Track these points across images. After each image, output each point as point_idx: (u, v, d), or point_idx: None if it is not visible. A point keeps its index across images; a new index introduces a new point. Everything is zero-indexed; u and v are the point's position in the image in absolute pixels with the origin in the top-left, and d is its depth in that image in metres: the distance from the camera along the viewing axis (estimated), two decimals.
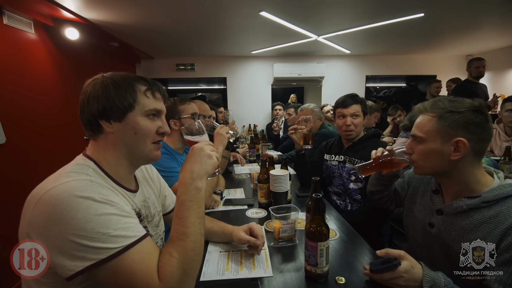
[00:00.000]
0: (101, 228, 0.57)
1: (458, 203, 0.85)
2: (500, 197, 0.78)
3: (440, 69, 5.12)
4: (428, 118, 0.86)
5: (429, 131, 0.85)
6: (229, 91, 5.11)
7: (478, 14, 2.79)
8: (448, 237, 0.87)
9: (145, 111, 0.71)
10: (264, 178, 1.43)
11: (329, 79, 5.05)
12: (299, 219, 1.28)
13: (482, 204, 0.80)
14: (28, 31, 2.28)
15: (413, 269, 0.74)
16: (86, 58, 3.18)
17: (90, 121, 0.69)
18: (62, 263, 0.55)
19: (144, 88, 0.72)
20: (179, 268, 0.61)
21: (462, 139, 0.79)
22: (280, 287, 0.84)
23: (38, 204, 0.57)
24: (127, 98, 0.69)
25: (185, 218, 0.67)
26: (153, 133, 0.73)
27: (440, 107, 0.84)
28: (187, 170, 0.72)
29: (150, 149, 0.74)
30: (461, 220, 0.84)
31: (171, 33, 3.30)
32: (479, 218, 0.80)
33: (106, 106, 0.68)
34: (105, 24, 2.86)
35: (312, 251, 0.82)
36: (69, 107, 2.76)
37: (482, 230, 0.78)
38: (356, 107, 1.62)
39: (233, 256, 1.00)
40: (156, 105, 0.74)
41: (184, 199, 0.69)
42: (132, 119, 0.70)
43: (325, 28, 3.23)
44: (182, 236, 0.65)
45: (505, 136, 2.27)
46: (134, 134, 0.71)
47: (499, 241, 0.74)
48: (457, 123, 0.80)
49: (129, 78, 0.72)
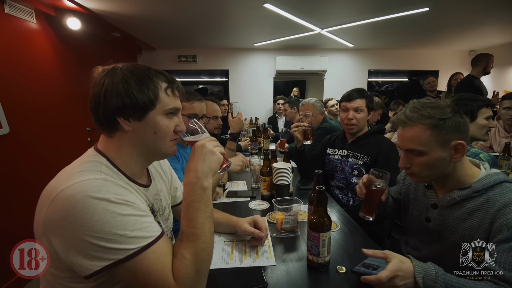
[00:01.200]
0: (118, 229, 0.56)
1: (451, 195, 0.90)
2: (488, 186, 0.85)
3: (443, 64, 5.10)
4: (421, 130, 0.86)
5: (428, 142, 0.85)
6: (231, 83, 5.09)
7: (482, 9, 2.76)
8: (444, 229, 0.92)
9: (165, 110, 0.69)
10: (267, 171, 1.45)
11: (332, 72, 5.03)
12: (301, 211, 1.30)
13: (473, 193, 0.86)
14: (30, 21, 2.26)
15: (403, 264, 0.76)
16: (88, 48, 3.16)
17: (107, 117, 0.65)
18: (80, 262, 0.55)
19: (165, 86, 0.69)
20: (193, 270, 0.62)
21: (460, 142, 0.84)
22: (283, 275, 0.87)
23: (52, 203, 0.56)
24: (149, 95, 0.65)
25: (194, 219, 0.66)
26: (172, 132, 0.71)
27: (428, 116, 0.84)
28: (191, 170, 0.68)
29: (169, 146, 0.72)
30: (455, 211, 0.89)
31: (173, 24, 3.27)
32: (471, 206, 0.86)
33: (127, 104, 0.64)
34: (107, 14, 2.84)
35: (314, 241, 0.85)
36: (70, 97, 2.76)
37: (475, 217, 0.84)
38: (360, 102, 1.62)
39: (237, 245, 1.03)
40: (176, 103, 0.71)
41: (191, 200, 0.67)
42: (152, 118, 0.67)
43: (328, 21, 3.20)
44: (193, 238, 0.64)
45: (504, 132, 2.28)
46: (153, 133, 0.68)
47: (490, 224, 0.80)
48: (451, 128, 0.84)
49: (150, 73, 0.68)
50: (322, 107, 2.41)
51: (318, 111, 2.38)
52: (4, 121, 1.93)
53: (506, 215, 0.77)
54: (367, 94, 1.66)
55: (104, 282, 0.62)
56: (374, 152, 1.57)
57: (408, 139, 0.89)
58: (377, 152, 1.56)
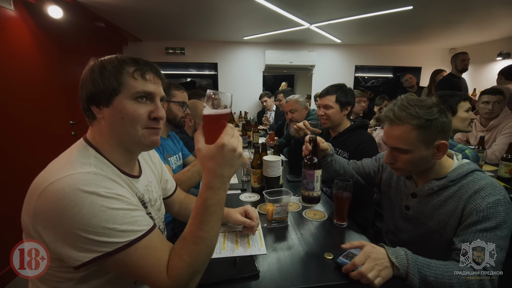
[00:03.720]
0: (107, 223, 0.57)
1: (429, 185, 0.97)
2: (462, 175, 0.92)
3: (425, 61, 5.27)
4: (408, 130, 0.89)
5: (414, 142, 0.89)
6: (220, 77, 5.05)
7: (461, 8, 2.87)
8: (422, 216, 0.99)
9: (132, 94, 0.66)
10: (257, 163, 1.48)
11: (320, 67, 5.09)
12: (291, 202, 1.35)
13: (449, 183, 0.93)
14: (7, 8, 2.14)
15: (374, 248, 0.83)
16: (71, 38, 3.04)
17: (84, 107, 0.69)
18: (69, 254, 0.56)
19: (132, 69, 0.67)
20: (188, 271, 0.61)
21: (443, 142, 0.89)
22: (274, 262, 0.91)
23: (42, 195, 0.56)
24: (111, 81, 0.65)
25: (206, 223, 0.63)
26: (144, 118, 0.68)
27: (416, 116, 0.87)
28: (218, 175, 0.61)
29: (143, 134, 0.68)
30: (433, 199, 0.96)
31: (161, 14, 3.19)
32: (446, 194, 0.93)
33: (93, 91, 0.66)
34: (91, 3, 2.73)
35: (310, 179, 1.05)
36: (51, 87, 2.65)
37: (449, 204, 0.92)
38: (330, 98, 1.66)
39: (229, 236, 1.06)
40: (146, 87, 0.68)
41: (210, 204, 0.62)
42: (119, 103, 0.66)
43: (317, 16, 3.23)
44: (198, 240, 0.62)
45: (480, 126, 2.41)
46: (121, 119, 0.66)
47: (462, 209, 0.88)
48: (436, 129, 0.88)
49: (117, 60, 0.67)
50: (306, 102, 2.45)
51: (302, 106, 2.41)
52: None
53: (476, 201, 0.85)
54: (342, 89, 1.67)
55: (94, 271, 0.63)
56: (353, 147, 1.62)
57: (395, 138, 0.92)
58: (355, 147, 1.61)
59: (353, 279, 0.79)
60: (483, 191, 0.85)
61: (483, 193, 0.85)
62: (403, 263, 0.79)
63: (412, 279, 0.77)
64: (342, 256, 0.88)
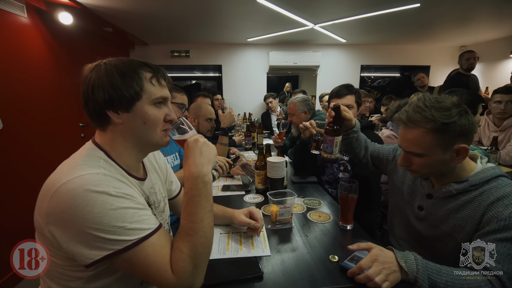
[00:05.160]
0: (116, 222, 0.59)
1: (447, 188, 0.90)
2: (485, 180, 0.86)
3: (434, 59, 5.17)
4: (423, 133, 0.83)
5: (428, 146, 0.83)
6: (224, 78, 5.08)
7: (472, 5, 2.81)
8: (435, 218, 0.94)
9: (152, 100, 0.70)
10: (261, 165, 1.48)
11: (325, 68, 5.06)
12: (295, 203, 1.35)
13: (470, 187, 0.87)
14: (21, 15, 2.22)
15: (382, 251, 0.80)
16: (80, 43, 3.11)
17: (97, 112, 0.67)
18: (81, 252, 0.58)
19: (150, 76, 0.70)
20: (190, 263, 0.63)
21: (463, 146, 0.82)
22: (278, 264, 0.90)
23: (54, 196, 0.58)
24: (134, 86, 0.67)
25: (194, 214, 0.67)
26: (162, 121, 0.72)
27: (430, 119, 0.81)
28: (191, 165, 0.70)
29: (160, 136, 0.73)
30: (449, 202, 0.91)
31: (166, 18, 3.24)
32: (465, 199, 0.87)
33: (113, 96, 0.65)
34: (99, 9, 2.79)
35: (329, 143, 1.11)
36: (62, 91, 2.72)
37: (468, 208, 0.86)
38: (351, 98, 1.62)
39: (233, 237, 1.06)
40: (163, 92, 0.72)
41: (192, 194, 0.68)
42: (140, 109, 0.68)
43: (321, 16, 3.21)
44: (191, 232, 0.66)
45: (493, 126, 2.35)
46: (143, 123, 0.69)
47: (481, 216, 0.82)
48: (455, 133, 0.80)
49: (133, 64, 0.69)
50: (307, 105, 2.27)
51: (299, 111, 2.26)
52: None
53: (497, 208, 0.79)
54: (356, 90, 1.66)
55: (103, 270, 0.65)
56: None
57: (408, 141, 0.88)
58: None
59: (359, 283, 0.77)
60: (507, 199, 0.79)
61: (506, 201, 0.79)
62: (412, 268, 0.76)
63: (421, 285, 0.74)
64: (347, 260, 0.87)
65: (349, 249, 0.87)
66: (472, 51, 3.25)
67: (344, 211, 1.14)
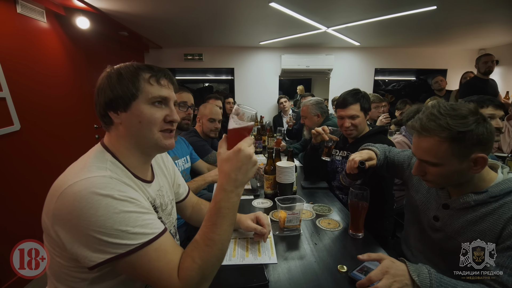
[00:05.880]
0: (120, 225, 0.58)
1: (465, 199, 0.86)
2: (506, 191, 0.80)
3: (451, 63, 5.01)
4: (438, 142, 0.79)
5: (444, 156, 0.80)
6: (237, 81, 5.10)
7: (491, 7, 2.71)
8: (452, 230, 0.89)
9: (149, 99, 0.70)
10: (271, 169, 1.46)
11: (338, 71, 4.99)
12: (304, 210, 1.32)
13: (490, 199, 0.82)
14: (41, 20, 2.31)
15: (394, 263, 0.76)
16: (96, 47, 3.21)
17: (101, 113, 0.72)
18: (84, 254, 0.58)
19: (148, 76, 0.71)
20: (199, 274, 0.62)
21: (482, 155, 0.77)
22: (284, 273, 0.88)
23: (60, 197, 0.59)
24: (129, 87, 0.68)
25: (218, 225, 0.65)
26: (160, 121, 0.71)
27: (445, 127, 0.77)
28: (231, 178, 0.65)
29: (159, 137, 0.72)
30: (467, 214, 0.86)
31: (180, 22, 3.29)
32: (484, 211, 0.82)
33: (111, 97, 0.69)
34: (115, 14, 2.87)
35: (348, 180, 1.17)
36: (80, 94, 2.81)
37: (486, 221, 0.81)
38: (355, 107, 1.57)
39: (239, 243, 1.05)
40: (161, 92, 0.72)
41: (222, 206, 0.65)
42: (136, 108, 0.69)
43: (335, 19, 3.18)
44: (210, 243, 0.64)
45: None
46: (139, 123, 0.70)
47: (502, 229, 0.77)
48: (471, 142, 0.76)
49: (133, 67, 0.71)
50: (320, 109, 2.25)
51: (312, 114, 2.26)
52: (15, 118, 1.99)
53: None
54: (361, 96, 1.59)
55: (107, 272, 0.65)
56: None
57: (423, 150, 0.84)
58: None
59: None
60: None
61: None
62: (425, 282, 0.72)
63: None
64: (356, 270, 0.83)
65: (359, 259, 0.83)
66: (489, 54, 3.12)
67: (354, 219, 1.11)
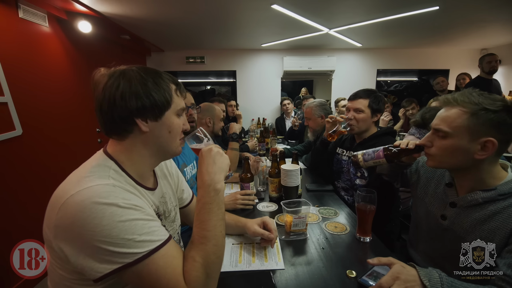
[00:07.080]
0: (126, 234, 0.57)
1: (473, 196, 0.85)
2: None
3: (453, 63, 4.98)
4: (458, 113, 0.80)
5: (458, 127, 0.80)
6: (239, 84, 5.10)
7: (493, 7, 2.69)
8: (460, 229, 0.87)
9: (177, 110, 0.72)
10: (275, 172, 1.44)
11: (340, 72, 4.98)
12: (310, 213, 1.30)
13: (498, 196, 0.80)
14: (43, 24, 2.31)
15: (404, 269, 0.75)
16: (98, 50, 3.22)
17: (123, 119, 0.65)
18: (90, 265, 0.56)
19: (175, 87, 0.73)
20: (203, 273, 0.62)
21: (492, 139, 0.77)
22: (292, 279, 0.86)
23: (62, 208, 0.57)
24: (166, 96, 0.68)
25: (206, 221, 0.67)
26: (181, 131, 0.75)
27: (473, 102, 0.78)
28: (204, 173, 0.71)
29: (177, 146, 0.75)
30: (475, 212, 0.84)
31: (182, 25, 3.30)
32: (493, 209, 0.81)
33: (147, 105, 0.65)
34: (117, 17, 2.88)
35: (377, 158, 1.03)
36: (82, 99, 2.81)
37: (496, 220, 0.79)
38: (363, 102, 1.56)
39: (245, 248, 1.03)
40: (183, 103, 0.75)
41: (204, 202, 0.69)
42: (168, 118, 0.70)
43: (336, 21, 3.17)
44: (204, 240, 0.66)
45: None
46: (168, 132, 0.71)
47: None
48: (491, 122, 0.77)
49: (162, 75, 0.71)
50: (324, 110, 2.27)
51: (316, 115, 2.27)
52: (17, 123, 1.98)
53: None
54: (374, 95, 1.59)
55: (111, 284, 0.63)
56: None
57: (442, 118, 0.85)
58: None
59: None
60: None
61: None
62: (436, 286, 0.71)
63: None
64: (366, 276, 0.81)
65: (368, 263, 0.81)
66: (493, 53, 3.11)
67: (361, 222, 1.08)
